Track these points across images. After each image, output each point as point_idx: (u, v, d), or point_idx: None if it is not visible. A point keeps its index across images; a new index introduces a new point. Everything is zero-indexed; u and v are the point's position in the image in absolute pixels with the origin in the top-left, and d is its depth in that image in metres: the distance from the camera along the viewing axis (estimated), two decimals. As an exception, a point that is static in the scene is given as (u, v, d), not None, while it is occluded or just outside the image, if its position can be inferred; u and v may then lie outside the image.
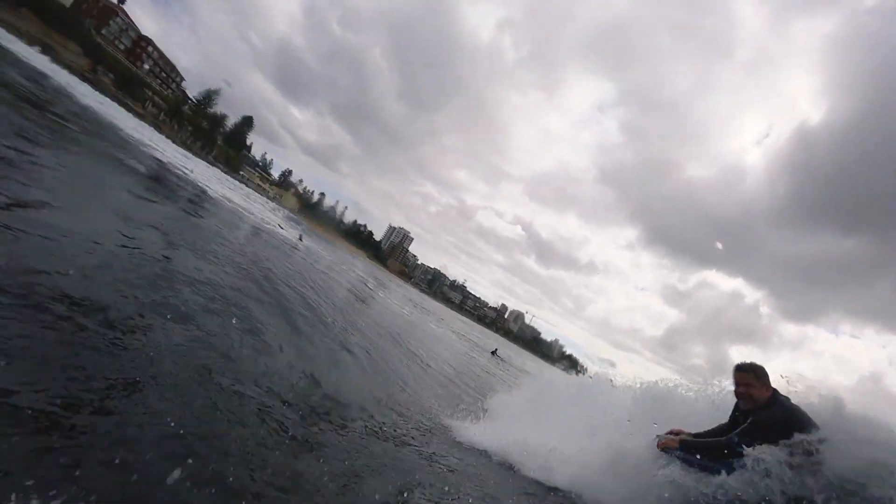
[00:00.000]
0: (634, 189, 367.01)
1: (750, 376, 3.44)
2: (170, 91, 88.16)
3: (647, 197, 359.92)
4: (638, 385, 5.43)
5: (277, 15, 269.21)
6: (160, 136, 44.96)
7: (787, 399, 3.35)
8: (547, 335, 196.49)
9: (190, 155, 48.34)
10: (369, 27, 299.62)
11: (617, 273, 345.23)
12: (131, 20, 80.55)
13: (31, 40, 37.28)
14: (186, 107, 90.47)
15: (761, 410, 3.29)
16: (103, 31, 71.22)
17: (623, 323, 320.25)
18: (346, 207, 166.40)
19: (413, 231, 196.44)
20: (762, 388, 3.39)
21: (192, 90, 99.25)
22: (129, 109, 49.37)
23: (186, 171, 21.20)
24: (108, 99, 38.70)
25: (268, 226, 20.88)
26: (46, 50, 39.74)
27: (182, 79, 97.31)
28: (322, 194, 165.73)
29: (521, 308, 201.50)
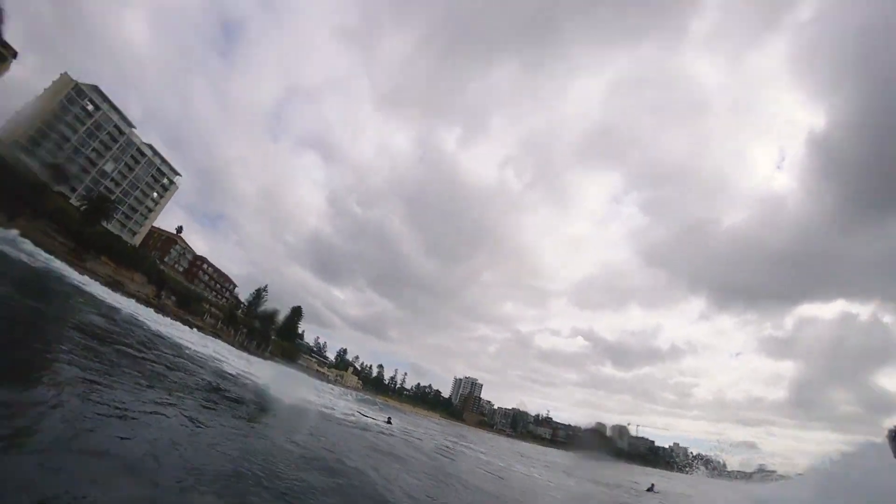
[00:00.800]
0: (682, 260, 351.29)
1: None
2: (224, 299, 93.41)
3: (699, 262, 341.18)
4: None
5: (306, 211, 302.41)
6: (221, 343, 45.69)
7: None
8: (662, 441, 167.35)
9: (248, 356, 48.02)
10: (384, 200, 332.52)
11: (705, 348, 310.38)
12: (187, 244, 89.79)
13: (105, 280, 40.29)
14: (239, 311, 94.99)
15: None
16: (165, 259, 78.86)
17: (738, 397, 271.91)
18: (405, 374, 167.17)
19: (480, 377, 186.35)
20: None
21: (244, 292, 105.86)
22: (191, 325, 50.38)
23: (254, 379, 22.09)
24: (170, 320, 39.42)
25: (352, 417, 22.74)
26: (117, 286, 43.28)
27: (234, 285, 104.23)
28: (380, 366, 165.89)
29: (620, 420, 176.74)
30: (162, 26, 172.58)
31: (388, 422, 26.56)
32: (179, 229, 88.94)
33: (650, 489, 25.44)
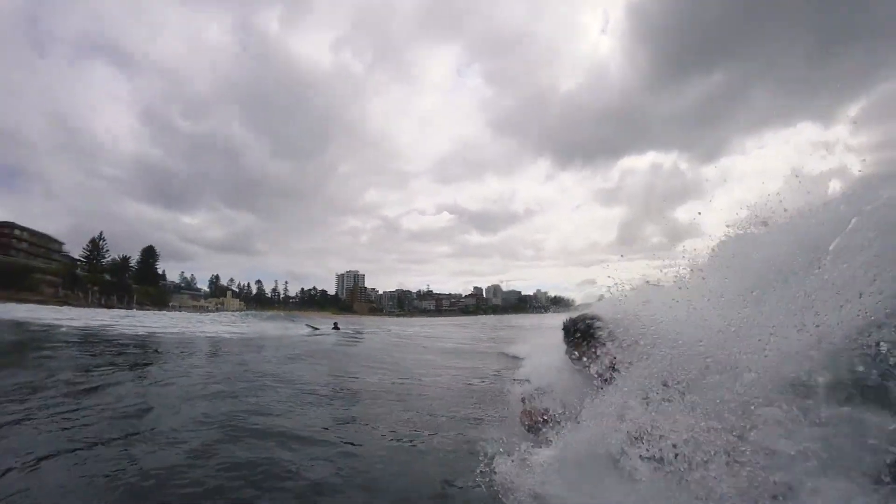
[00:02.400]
0: (528, 126, 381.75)
1: None
2: (55, 262, 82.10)
3: (542, 126, 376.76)
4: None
5: (118, 136, 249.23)
6: (76, 310, 42.22)
7: None
8: (528, 290, 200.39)
9: (110, 311, 45.62)
10: (214, 107, 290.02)
11: (552, 204, 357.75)
12: (-22, 215, 74.34)
13: None
14: (79, 269, 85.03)
15: None
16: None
17: (579, 244, 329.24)
18: (286, 283, 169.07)
19: (360, 268, 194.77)
20: None
21: (75, 249, 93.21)
22: (27, 301, 46.18)
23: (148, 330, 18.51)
24: None
25: (303, 332, 22.28)
26: None
27: (60, 244, 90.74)
28: (259, 282, 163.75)
29: (493, 281, 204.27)
30: None
31: (336, 328, 26.37)
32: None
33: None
